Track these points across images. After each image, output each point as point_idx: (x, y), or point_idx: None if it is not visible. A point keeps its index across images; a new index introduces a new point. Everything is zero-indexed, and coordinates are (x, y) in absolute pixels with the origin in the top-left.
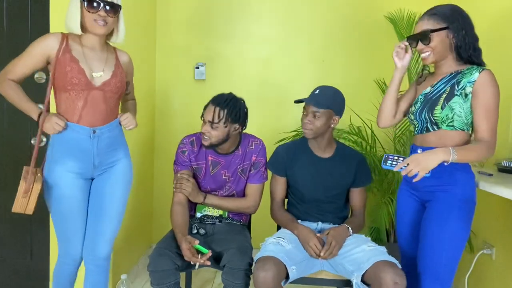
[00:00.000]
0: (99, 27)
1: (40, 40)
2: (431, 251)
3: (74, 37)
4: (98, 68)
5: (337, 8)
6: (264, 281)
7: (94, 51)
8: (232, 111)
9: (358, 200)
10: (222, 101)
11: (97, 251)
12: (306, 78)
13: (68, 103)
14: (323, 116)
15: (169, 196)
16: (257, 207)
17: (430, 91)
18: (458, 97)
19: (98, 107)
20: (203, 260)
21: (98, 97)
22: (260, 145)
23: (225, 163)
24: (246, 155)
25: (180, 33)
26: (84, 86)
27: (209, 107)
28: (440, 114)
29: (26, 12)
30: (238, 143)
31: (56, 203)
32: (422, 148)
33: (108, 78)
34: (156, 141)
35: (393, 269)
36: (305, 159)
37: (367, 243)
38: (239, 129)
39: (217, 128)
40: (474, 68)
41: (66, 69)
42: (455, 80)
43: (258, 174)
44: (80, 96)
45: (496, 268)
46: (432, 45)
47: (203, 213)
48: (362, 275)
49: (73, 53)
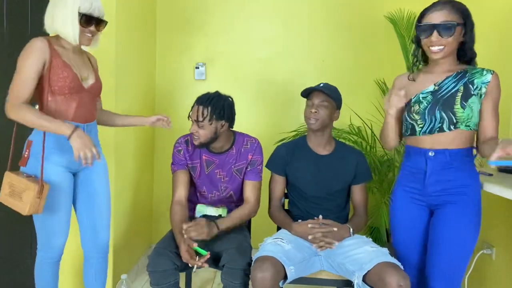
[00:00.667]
0: (86, 40)
1: (31, 49)
2: (447, 255)
3: (54, 40)
4: (84, 72)
5: (337, 8)
6: (261, 281)
7: (75, 55)
8: (215, 109)
9: (359, 197)
10: (205, 100)
11: (100, 238)
12: (306, 78)
13: (63, 104)
14: (329, 106)
15: (169, 196)
16: (258, 206)
17: (436, 89)
18: (475, 97)
19: (88, 107)
20: (200, 262)
21: (87, 98)
22: (256, 144)
23: (219, 162)
24: (241, 154)
25: (180, 33)
26: (78, 89)
27: (194, 107)
28: (463, 114)
29: (26, 12)
30: (232, 142)
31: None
32: (434, 151)
33: (93, 81)
34: (156, 141)
35: (397, 272)
36: (305, 156)
37: (369, 244)
38: (226, 126)
39: (203, 127)
40: (480, 69)
41: (63, 74)
42: (465, 79)
43: (255, 171)
44: (74, 98)
45: (496, 268)
46: (450, 39)
47: (203, 213)
48: (364, 276)
49: (62, 58)
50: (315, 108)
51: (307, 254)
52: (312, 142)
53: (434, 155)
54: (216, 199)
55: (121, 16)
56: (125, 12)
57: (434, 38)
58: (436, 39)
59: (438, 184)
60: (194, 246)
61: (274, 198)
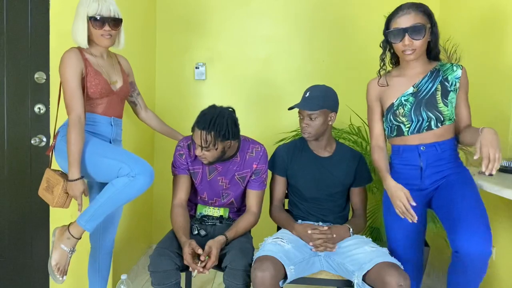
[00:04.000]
0: (105, 41)
1: (69, 62)
2: (467, 203)
3: (83, 49)
4: (113, 77)
5: (337, 8)
6: (262, 281)
7: (104, 60)
8: (219, 132)
9: (359, 200)
10: (207, 124)
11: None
12: (306, 78)
13: (92, 105)
14: (319, 116)
15: (169, 196)
16: (259, 214)
17: (416, 91)
18: (453, 93)
19: (116, 107)
20: (201, 268)
21: (116, 99)
22: (261, 152)
23: (222, 169)
24: (245, 162)
25: (180, 33)
26: (108, 93)
27: (195, 131)
28: (448, 111)
29: (26, 12)
30: (236, 149)
31: (93, 147)
32: (424, 145)
33: (121, 84)
34: (156, 141)
35: (397, 271)
36: (305, 158)
37: (369, 244)
38: (232, 144)
39: (209, 150)
40: (450, 64)
41: (95, 81)
42: (440, 77)
43: (259, 180)
44: (105, 100)
45: (496, 268)
46: (421, 41)
47: (204, 213)
48: (363, 276)
49: (93, 65)
50: (305, 121)
51: (307, 254)
52: (312, 144)
53: (426, 149)
54: (217, 205)
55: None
56: (125, 12)
57: (407, 42)
58: (408, 42)
59: (434, 175)
60: (198, 252)
61: (275, 198)
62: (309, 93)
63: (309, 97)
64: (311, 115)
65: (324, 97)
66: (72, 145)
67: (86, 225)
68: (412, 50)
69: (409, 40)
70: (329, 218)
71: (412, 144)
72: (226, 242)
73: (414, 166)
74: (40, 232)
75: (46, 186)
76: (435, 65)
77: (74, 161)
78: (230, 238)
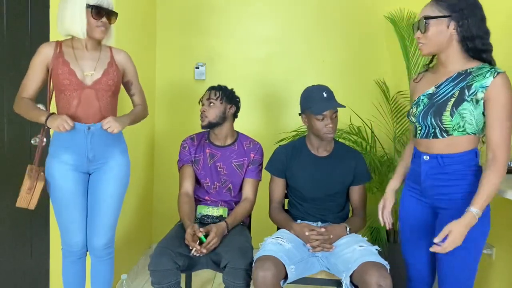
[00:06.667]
0: (100, 32)
1: (37, 52)
2: (456, 259)
3: (67, 42)
4: (89, 68)
5: (337, 8)
6: (263, 280)
7: (87, 52)
8: (226, 92)
9: (358, 198)
10: (217, 86)
11: (93, 242)
12: (306, 78)
13: (64, 102)
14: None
15: (169, 195)
16: (254, 202)
17: (434, 92)
18: (468, 103)
19: (92, 105)
20: (199, 247)
21: (91, 95)
22: (258, 146)
23: (221, 155)
24: (242, 151)
25: (180, 33)
26: (76, 86)
27: (206, 93)
28: (451, 122)
29: (26, 12)
30: (235, 139)
31: (53, 193)
32: (428, 155)
33: (99, 76)
34: (156, 141)
35: (378, 271)
36: (304, 158)
37: (359, 243)
38: (233, 110)
39: (214, 105)
40: (486, 68)
41: (58, 72)
42: (464, 82)
43: (256, 170)
44: (74, 96)
45: (496, 268)
46: (428, 34)
47: (204, 213)
48: (351, 275)
49: (65, 57)
50: (328, 121)
51: (305, 254)
52: (312, 144)
53: (429, 159)
54: (218, 191)
55: (121, 16)
56: (125, 12)
57: (416, 35)
58: (417, 36)
59: (434, 189)
60: (200, 235)
61: (274, 200)
62: (326, 94)
63: (329, 97)
64: (334, 113)
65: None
66: (23, 114)
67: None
68: (421, 44)
69: (417, 33)
70: (328, 218)
71: (419, 150)
72: (227, 227)
73: (417, 173)
74: (40, 232)
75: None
76: (471, 66)
77: (33, 113)
78: (230, 224)
